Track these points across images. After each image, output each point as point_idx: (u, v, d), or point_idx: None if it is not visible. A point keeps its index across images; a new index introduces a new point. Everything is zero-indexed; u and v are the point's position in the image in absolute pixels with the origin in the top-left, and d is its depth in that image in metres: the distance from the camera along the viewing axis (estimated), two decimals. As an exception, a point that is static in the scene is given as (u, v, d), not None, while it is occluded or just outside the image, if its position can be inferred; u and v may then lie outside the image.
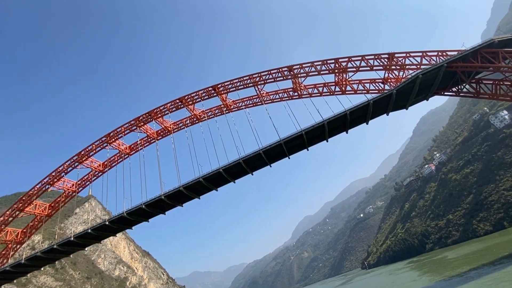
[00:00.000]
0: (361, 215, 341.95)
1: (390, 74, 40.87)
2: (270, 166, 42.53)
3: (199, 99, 48.09)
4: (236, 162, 38.42)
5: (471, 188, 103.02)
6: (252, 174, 42.81)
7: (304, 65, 42.76)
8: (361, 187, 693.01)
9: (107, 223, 40.10)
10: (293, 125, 39.73)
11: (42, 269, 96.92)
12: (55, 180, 49.05)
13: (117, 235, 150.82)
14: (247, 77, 45.18)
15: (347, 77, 42.62)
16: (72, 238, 40.53)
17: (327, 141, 41.62)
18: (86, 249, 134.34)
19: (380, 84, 42.42)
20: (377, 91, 41.26)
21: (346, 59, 41.14)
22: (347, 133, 41.66)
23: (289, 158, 42.14)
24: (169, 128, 52.03)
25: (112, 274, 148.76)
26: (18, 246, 51.08)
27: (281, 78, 44.22)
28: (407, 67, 38.99)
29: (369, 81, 42.90)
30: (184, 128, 52.49)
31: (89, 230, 40.27)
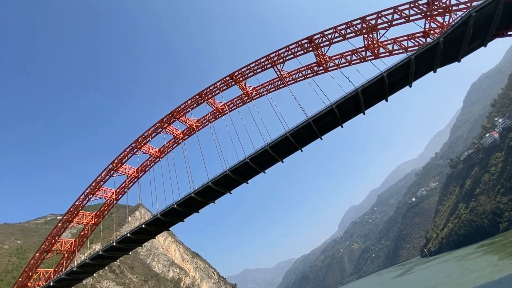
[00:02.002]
0: (413, 199, 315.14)
1: (432, 23, 34.06)
2: (301, 151, 38.68)
3: (218, 91, 46.01)
4: (262, 149, 35.37)
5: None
6: (283, 162, 39.37)
7: (325, 33, 37.85)
8: (409, 170, 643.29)
9: (143, 226, 40.14)
10: (322, 102, 35.19)
11: (102, 274, 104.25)
12: (96, 190, 51.08)
13: (166, 239, 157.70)
14: (264, 58, 41.72)
15: (379, 37, 36.73)
16: (114, 243, 41.42)
17: (364, 114, 36.23)
18: (140, 253, 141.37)
19: (420, 39, 35.83)
20: (417, 48, 34.79)
21: (375, 16, 35.24)
22: (386, 100, 35.79)
23: (321, 139, 37.78)
24: (193, 126, 51.01)
25: (166, 276, 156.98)
26: (73, 255, 54.55)
27: (302, 52, 39.88)
28: (453, 8, 31.88)
29: (406, 37, 36.47)
30: (208, 124, 51.08)
31: (128, 234, 40.72)
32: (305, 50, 39.63)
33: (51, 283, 44.37)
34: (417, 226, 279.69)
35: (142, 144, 50.62)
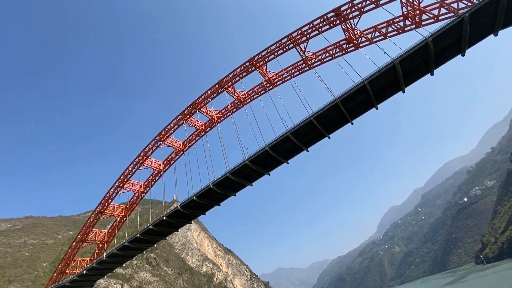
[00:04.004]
0: (465, 199, 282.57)
1: (492, -25, 27.49)
2: (329, 138, 34.44)
3: (238, 78, 43.61)
4: (283, 136, 32.05)
5: None
6: (308, 151, 35.58)
7: (354, 2, 33.06)
8: (459, 167, 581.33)
9: (164, 218, 39.48)
10: (353, 82, 30.70)
11: (139, 265, 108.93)
12: (124, 183, 52.25)
13: (200, 234, 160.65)
14: (285, 38, 38.17)
15: (421, 0, 30.95)
16: (138, 235, 41.51)
17: (404, 92, 30.90)
18: (176, 247, 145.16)
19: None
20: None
21: (416, -26, 29.68)
22: (432, 75, 30.01)
23: (352, 123, 33.15)
24: (215, 118, 49.37)
25: (200, 270, 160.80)
26: (107, 246, 56.76)
27: (328, 27, 35.54)
28: (523, -50, 25.16)
29: (456, -2, 30.19)
30: (229, 115, 49.05)
31: (151, 226, 40.49)
32: (331, 25, 35.22)
33: (84, 271, 46.24)
34: (470, 229, 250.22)
35: (166, 137, 50.41)
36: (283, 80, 43.64)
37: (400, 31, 33.79)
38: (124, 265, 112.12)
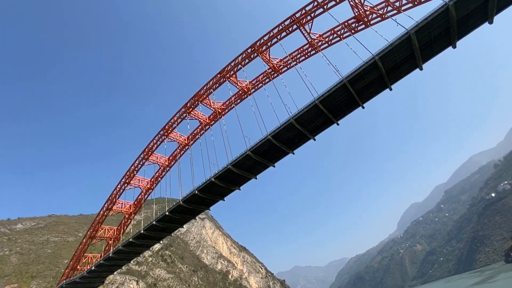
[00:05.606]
0: (493, 194, 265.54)
1: None
2: (338, 124, 31.56)
3: (240, 67, 41.47)
4: (286, 123, 29.60)
5: None
6: (315, 139, 32.89)
7: (363, -28, 29.96)
8: (486, 161, 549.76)
9: (167, 213, 38.22)
10: (362, 61, 27.71)
11: (154, 262, 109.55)
12: (130, 179, 51.74)
13: (214, 231, 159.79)
14: (288, 20, 35.54)
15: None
16: (142, 231, 40.59)
17: (421, 69, 27.51)
18: (190, 245, 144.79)
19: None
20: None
21: None
22: (454, 47, 26.42)
23: (363, 107, 30.15)
24: (219, 110, 47.64)
25: (215, 268, 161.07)
26: (116, 242, 56.69)
27: (334, 3, 32.56)
28: None
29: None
30: (233, 107, 47.07)
31: (154, 222, 39.40)
32: (337, 0, 32.23)
33: (93, 268, 46.12)
34: (499, 226, 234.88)
35: (170, 131, 49.28)
36: (289, 66, 41.10)
37: (416, 2, 30.29)
38: (139, 261, 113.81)
